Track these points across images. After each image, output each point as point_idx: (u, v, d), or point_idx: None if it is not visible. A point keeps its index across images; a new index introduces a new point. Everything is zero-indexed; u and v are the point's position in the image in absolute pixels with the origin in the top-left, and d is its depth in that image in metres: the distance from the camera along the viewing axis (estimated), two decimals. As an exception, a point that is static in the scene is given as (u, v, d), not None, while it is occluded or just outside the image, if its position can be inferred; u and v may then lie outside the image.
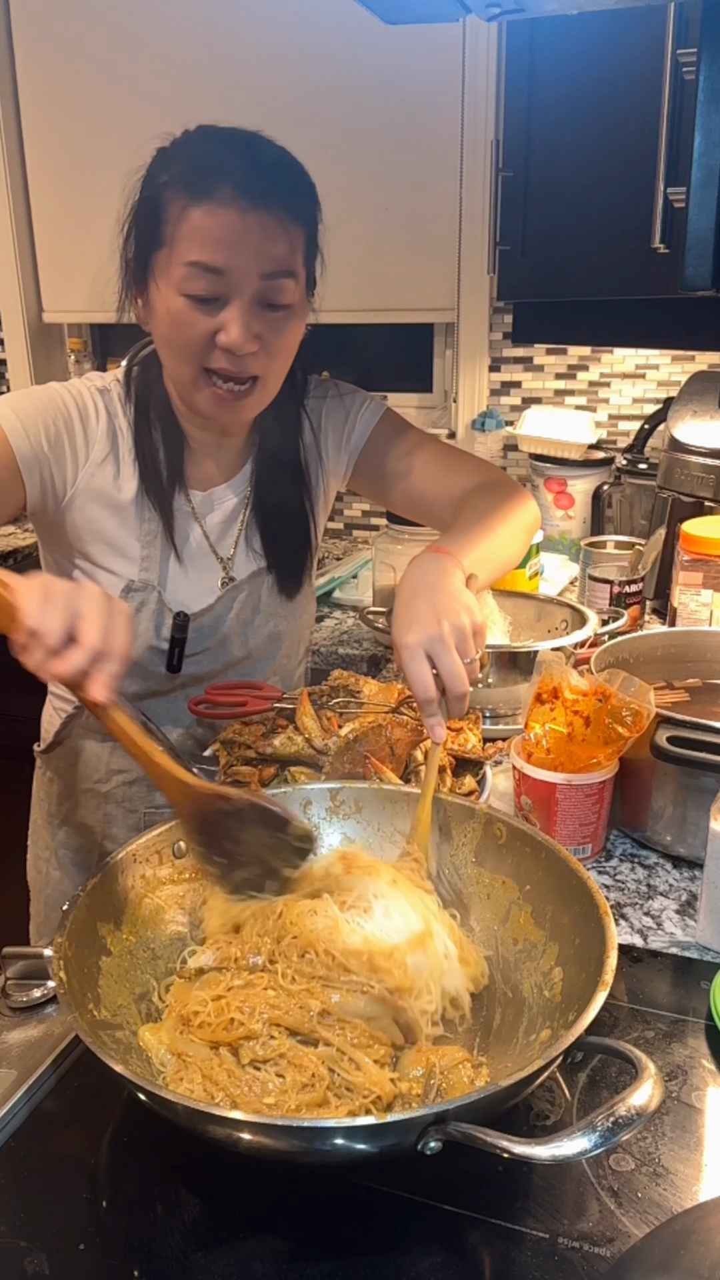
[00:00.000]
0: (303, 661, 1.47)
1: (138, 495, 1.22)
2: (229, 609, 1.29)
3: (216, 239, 1.06)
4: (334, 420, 1.36)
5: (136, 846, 0.89)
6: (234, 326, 1.09)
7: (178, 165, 1.09)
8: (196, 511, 1.28)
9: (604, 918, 0.76)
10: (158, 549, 1.24)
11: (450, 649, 0.98)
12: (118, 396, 1.23)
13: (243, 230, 1.06)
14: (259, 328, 1.11)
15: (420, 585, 1.05)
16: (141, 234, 1.13)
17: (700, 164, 0.93)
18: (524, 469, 2.34)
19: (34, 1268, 0.64)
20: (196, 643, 1.27)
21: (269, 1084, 0.72)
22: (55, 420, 1.17)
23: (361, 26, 1.69)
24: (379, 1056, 0.74)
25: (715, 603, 1.44)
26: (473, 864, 0.94)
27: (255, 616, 1.32)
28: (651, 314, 1.78)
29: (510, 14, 0.92)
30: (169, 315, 1.11)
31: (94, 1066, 0.79)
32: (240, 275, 1.08)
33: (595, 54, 1.64)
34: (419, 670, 0.97)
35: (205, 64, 2.35)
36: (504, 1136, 0.60)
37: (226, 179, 1.05)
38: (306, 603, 1.40)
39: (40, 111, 2.58)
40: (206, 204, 1.06)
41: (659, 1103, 0.60)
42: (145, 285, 1.14)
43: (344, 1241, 0.67)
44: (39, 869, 1.47)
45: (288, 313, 1.13)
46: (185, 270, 1.07)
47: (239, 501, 1.31)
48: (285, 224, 1.09)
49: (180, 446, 1.25)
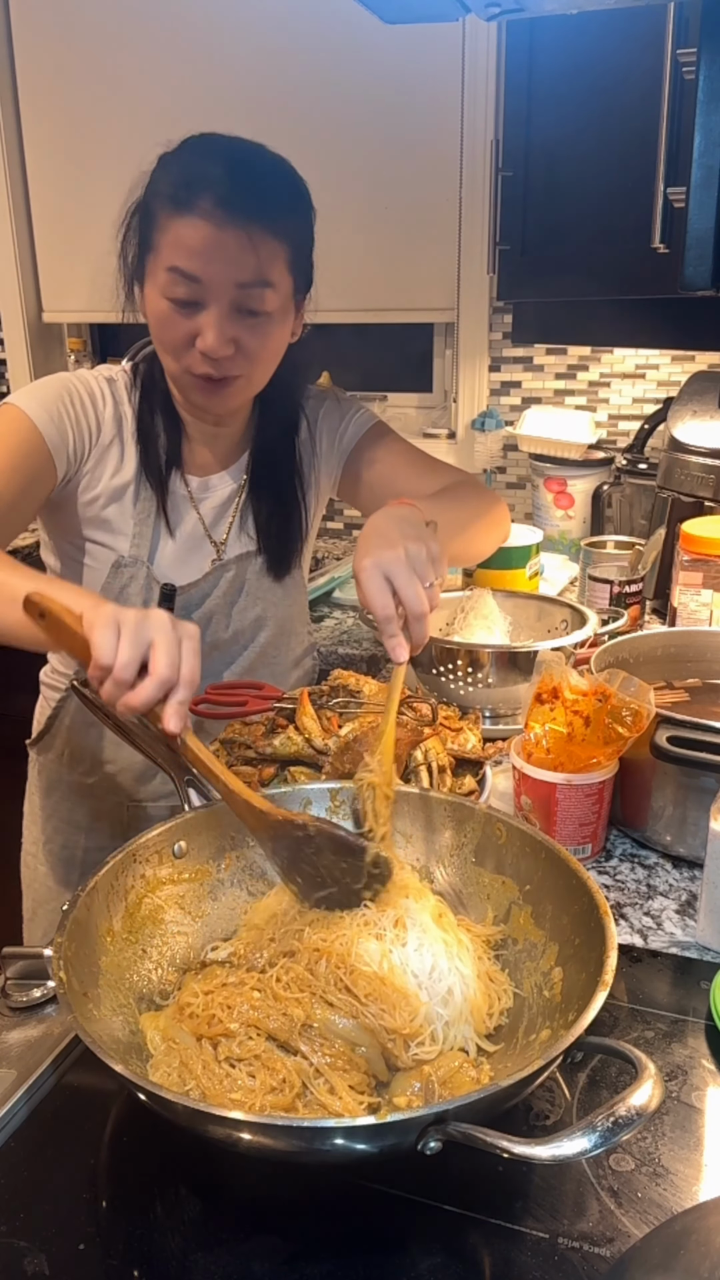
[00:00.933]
0: (301, 662, 1.47)
1: (136, 475, 1.28)
2: (215, 585, 1.33)
3: (193, 249, 1.11)
4: (330, 421, 1.40)
5: (136, 846, 0.88)
6: (209, 332, 1.14)
7: (168, 174, 1.14)
8: (194, 496, 1.33)
9: (604, 918, 0.76)
10: (150, 527, 1.29)
11: (407, 569, 0.98)
12: (124, 385, 1.29)
13: (218, 243, 1.10)
14: (235, 332, 1.15)
15: (380, 523, 1.06)
16: (138, 235, 1.18)
17: (700, 164, 0.93)
18: (524, 469, 2.35)
19: (34, 1268, 0.64)
20: (182, 617, 1.28)
21: (239, 1081, 0.72)
22: (73, 405, 1.23)
23: (361, 26, 1.69)
24: (355, 1083, 0.73)
25: (715, 603, 1.44)
26: (472, 864, 0.94)
27: (240, 597, 1.35)
28: (651, 314, 1.79)
29: (510, 14, 0.92)
30: (155, 315, 1.17)
31: (94, 1066, 0.79)
32: (215, 284, 1.12)
33: (595, 54, 1.64)
34: (376, 588, 0.97)
35: (205, 64, 2.35)
36: (504, 1136, 0.60)
37: (208, 193, 1.09)
38: (296, 592, 1.42)
39: (40, 111, 2.58)
40: (186, 215, 1.10)
41: (659, 1103, 0.60)
42: (141, 283, 1.19)
43: (344, 1241, 0.67)
44: (28, 864, 1.51)
45: (266, 319, 1.16)
46: (166, 275, 1.13)
47: (235, 488, 1.35)
48: (261, 241, 1.12)
49: (179, 432, 1.30)
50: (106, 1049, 0.66)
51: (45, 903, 1.48)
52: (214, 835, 0.94)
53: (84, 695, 1.06)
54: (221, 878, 0.94)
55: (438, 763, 1.10)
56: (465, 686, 1.33)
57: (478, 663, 1.32)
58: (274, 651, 1.40)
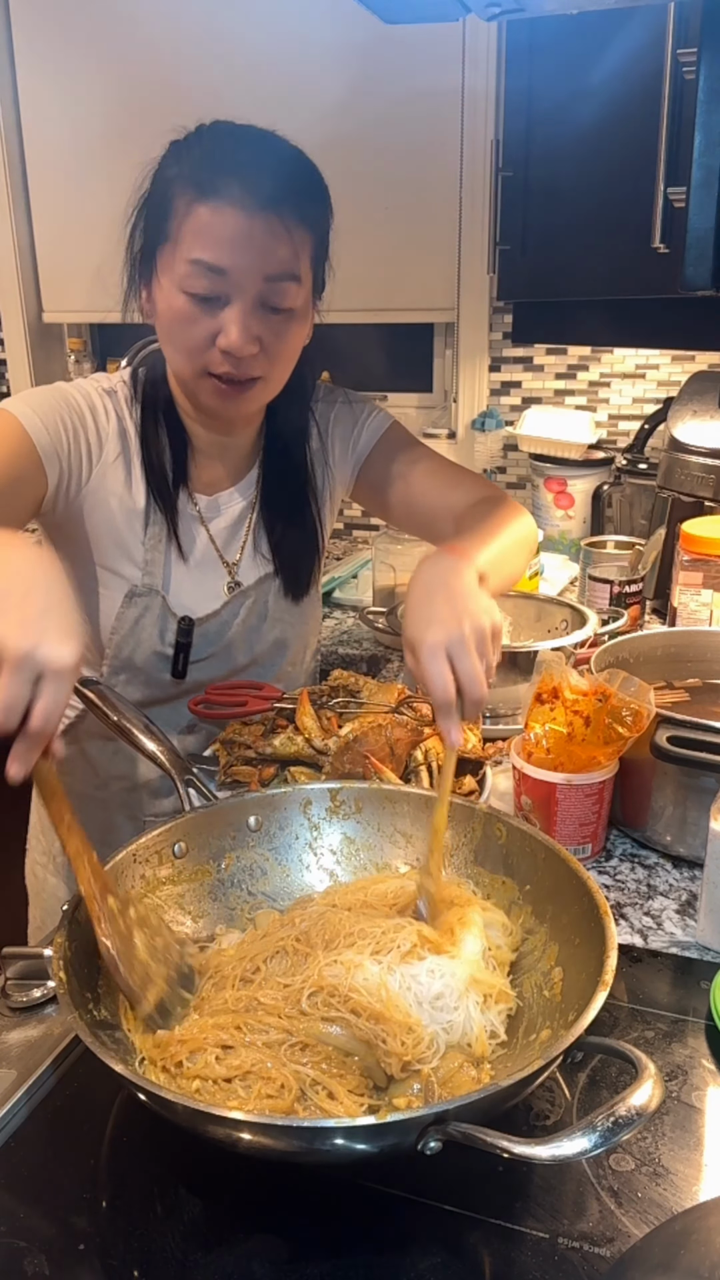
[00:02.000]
0: (310, 670, 1.45)
1: (147, 497, 1.21)
2: (235, 614, 1.28)
3: (220, 238, 1.05)
4: (342, 427, 1.35)
5: (136, 847, 0.88)
6: (233, 328, 1.07)
7: (188, 160, 1.08)
8: (203, 516, 1.27)
9: (604, 918, 0.76)
10: (162, 553, 1.23)
11: (471, 651, 0.89)
12: (124, 398, 1.22)
13: (248, 231, 1.05)
14: (259, 330, 1.09)
15: (436, 583, 0.96)
16: (149, 227, 1.12)
17: (700, 164, 0.93)
18: (524, 469, 2.34)
19: (34, 1268, 0.64)
20: (201, 648, 1.26)
21: (236, 1093, 0.70)
22: (70, 416, 1.16)
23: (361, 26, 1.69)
24: (353, 1086, 0.72)
25: (715, 603, 1.44)
26: (472, 864, 0.94)
27: (262, 623, 1.30)
28: (651, 314, 1.79)
29: (510, 13, 0.92)
30: (170, 312, 1.10)
31: (94, 1067, 0.79)
32: (242, 276, 1.06)
33: (595, 54, 1.64)
34: (439, 671, 0.88)
35: (205, 64, 2.34)
36: (504, 1136, 0.60)
37: (235, 178, 1.04)
38: (313, 608, 1.39)
39: (40, 111, 2.58)
40: (213, 201, 1.04)
41: (659, 1103, 0.60)
42: (150, 279, 1.13)
43: (344, 1242, 0.67)
44: (36, 874, 1.46)
45: (289, 316, 1.11)
46: (188, 267, 1.06)
47: (246, 505, 1.29)
48: (292, 228, 1.07)
49: (185, 448, 1.24)
50: (106, 1049, 0.66)
51: (56, 913, 1.41)
52: (214, 835, 0.94)
53: (84, 695, 1.06)
54: (221, 877, 0.94)
55: (438, 763, 1.10)
56: (465, 686, 1.33)
57: (478, 663, 1.31)
58: (291, 669, 1.37)
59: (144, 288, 1.15)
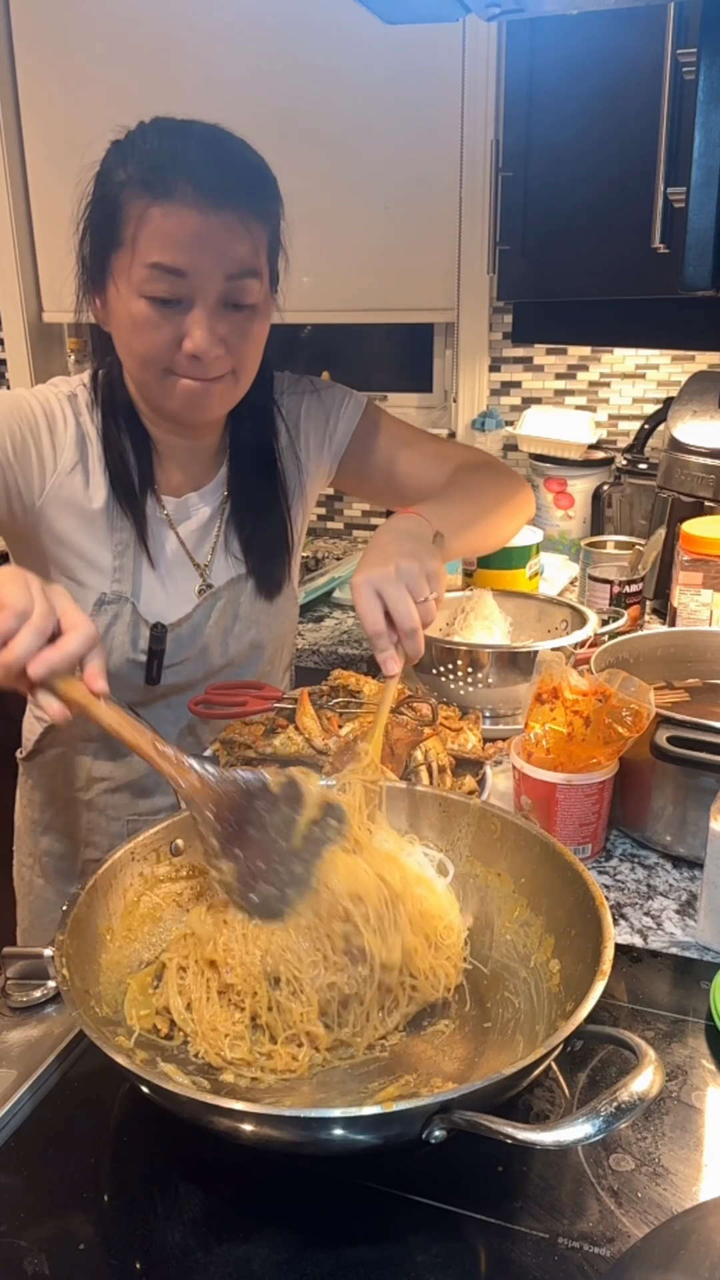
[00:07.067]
0: (287, 670, 1.44)
1: (108, 503, 1.19)
2: (208, 617, 1.26)
3: (178, 240, 1.03)
4: (314, 420, 1.33)
5: (134, 845, 0.88)
6: (198, 331, 1.06)
7: (135, 162, 1.05)
8: (171, 519, 1.25)
9: (600, 908, 0.76)
10: (130, 559, 1.21)
11: (399, 585, 1.00)
12: (85, 403, 1.20)
13: (206, 231, 1.03)
14: (223, 330, 1.08)
15: (381, 538, 1.08)
16: (98, 233, 1.09)
17: (700, 164, 0.93)
18: (524, 469, 2.34)
19: (34, 1268, 0.64)
20: (175, 653, 1.24)
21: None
22: (21, 427, 1.14)
23: (361, 26, 1.69)
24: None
25: (715, 603, 1.44)
26: (467, 859, 0.94)
27: (235, 624, 1.29)
28: (651, 314, 1.78)
29: (510, 14, 0.92)
30: (130, 318, 1.08)
31: (94, 1067, 0.80)
32: (203, 277, 1.05)
33: (595, 54, 1.64)
34: (367, 604, 1.00)
35: (205, 64, 2.35)
36: (508, 1123, 0.60)
37: (187, 177, 1.02)
38: (289, 607, 1.37)
39: (40, 111, 2.58)
40: (167, 203, 1.02)
41: (660, 1088, 0.61)
42: (104, 286, 1.11)
43: (344, 1241, 0.67)
44: (23, 876, 1.46)
45: (252, 312, 1.10)
46: (146, 272, 1.04)
47: (215, 507, 1.27)
48: (249, 222, 1.06)
49: (149, 451, 1.22)
50: (111, 1044, 0.66)
51: (43, 914, 1.43)
52: (214, 834, 0.94)
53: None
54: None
55: (438, 763, 1.10)
56: (465, 686, 1.33)
57: (478, 663, 1.32)
58: (268, 668, 1.36)
59: (97, 295, 1.13)
